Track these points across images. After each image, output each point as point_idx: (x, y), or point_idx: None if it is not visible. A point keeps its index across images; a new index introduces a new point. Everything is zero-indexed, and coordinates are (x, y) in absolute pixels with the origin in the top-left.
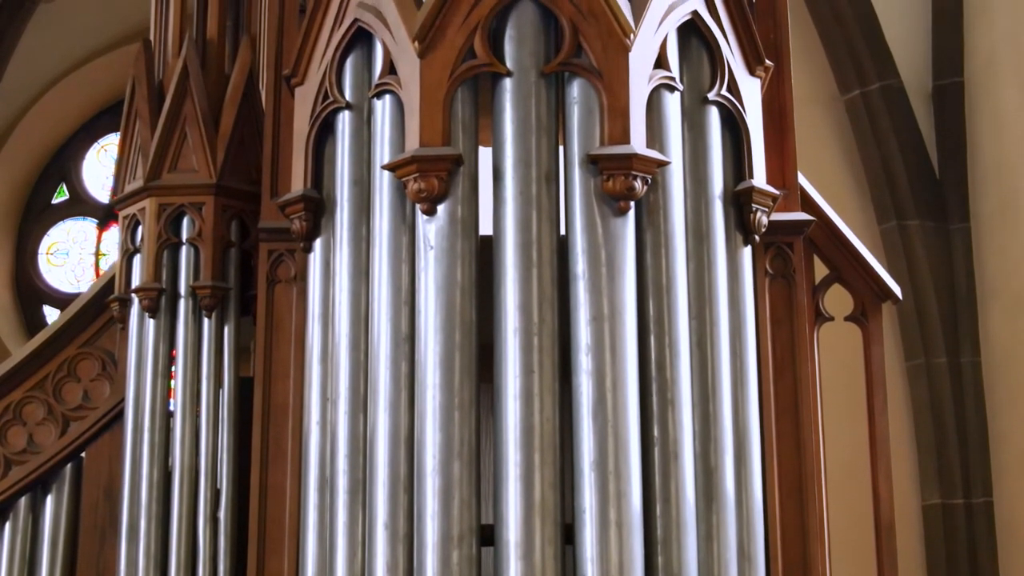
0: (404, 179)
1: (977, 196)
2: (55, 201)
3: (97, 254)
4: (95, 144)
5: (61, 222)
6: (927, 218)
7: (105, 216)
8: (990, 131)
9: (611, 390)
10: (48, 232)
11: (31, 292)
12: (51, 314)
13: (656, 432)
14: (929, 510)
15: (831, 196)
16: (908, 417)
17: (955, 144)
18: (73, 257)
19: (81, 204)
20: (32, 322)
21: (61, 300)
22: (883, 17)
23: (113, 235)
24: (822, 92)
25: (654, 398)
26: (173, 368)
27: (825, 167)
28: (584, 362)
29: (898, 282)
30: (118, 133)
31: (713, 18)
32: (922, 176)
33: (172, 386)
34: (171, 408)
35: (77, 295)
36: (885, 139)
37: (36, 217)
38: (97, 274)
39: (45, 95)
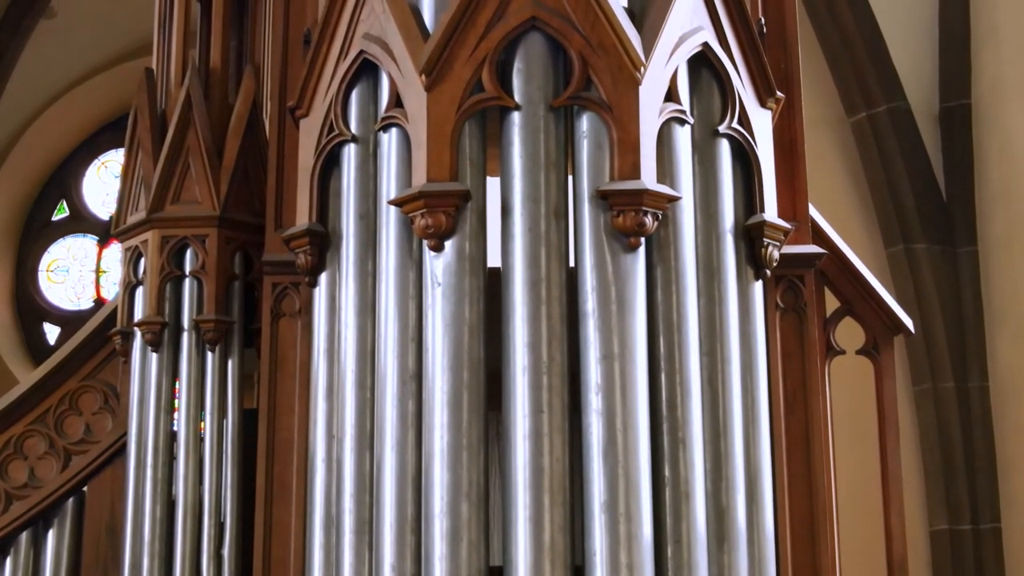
0: (411, 215)
1: (984, 219)
2: (55, 218)
3: (97, 271)
4: (95, 161)
5: (61, 239)
6: (934, 241)
7: (105, 233)
8: (997, 154)
9: (622, 430)
10: (48, 249)
11: (31, 309)
12: (51, 331)
13: (667, 472)
14: (936, 536)
15: (837, 219)
16: (915, 442)
17: (962, 167)
18: (73, 274)
19: (81, 221)
20: (32, 339)
21: (61, 317)
22: (890, 39)
23: (114, 252)
24: (828, 114)
25: (665, 437)
26: (176, 402)
27: (831, 190)
28: (594, 401)
29: (905, 306)
30: (119, 150)
31: (724, 49)
32: (929, 199)
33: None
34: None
35: (77, 312)
36: (892, 162)
37: (36, 234)
38: (98, 291)
39: (45, 112)
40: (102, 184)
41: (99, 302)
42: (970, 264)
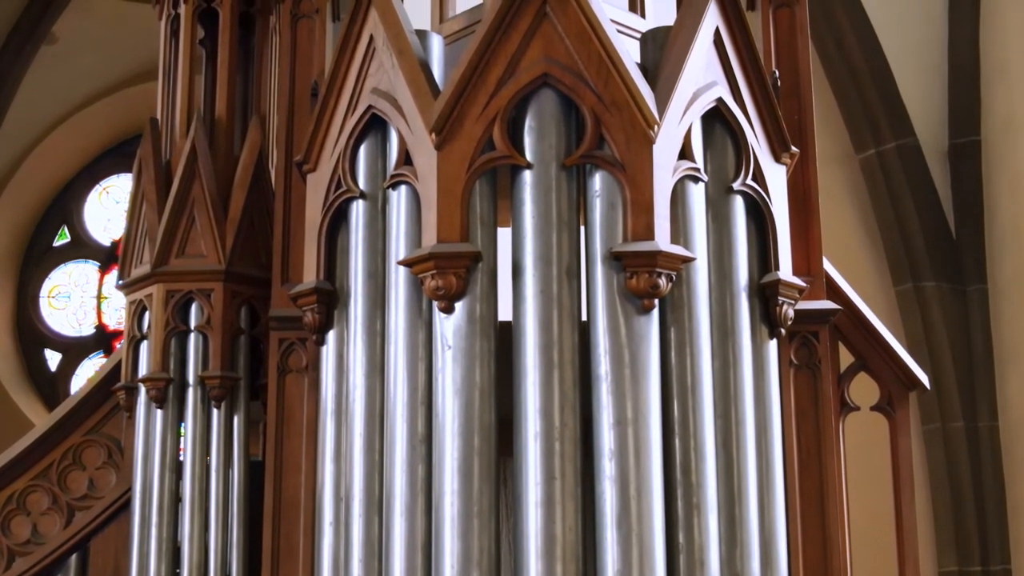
0: (421, 276)
1: (994, 257)
2: (56, 244)
3: (99, 297)
4: (97, 186)
5: (62, 265)
6: (943, 279)
7: (107, 259)
8: (1008, 191)
9: (635, 497)
10: (49, 275)
11: (32, 335)
12: (52, 358)
13: (681, 539)
14: None
15: (846, 257)
16: (924, 482)
17: (972, 204)
18: (75, 300)
19: (83, 247)
20: (33, 366)
21: (62, 344)
22: (899, 75)
23: (115, 278)
24: (837, 151)
25: (679, 503)
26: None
27: (840, 227)
28: (607, 468)
29: (914, 344)
30: (120, 175)
31: (738, 104)
32: (938, 236)
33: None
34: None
35: (79, 338)
36: (901, 199)
37: (37, 260)
38: (99, 317)
39: (47, 137)
40: (103, 209)
41: (100, 328)
42: (980, 302)
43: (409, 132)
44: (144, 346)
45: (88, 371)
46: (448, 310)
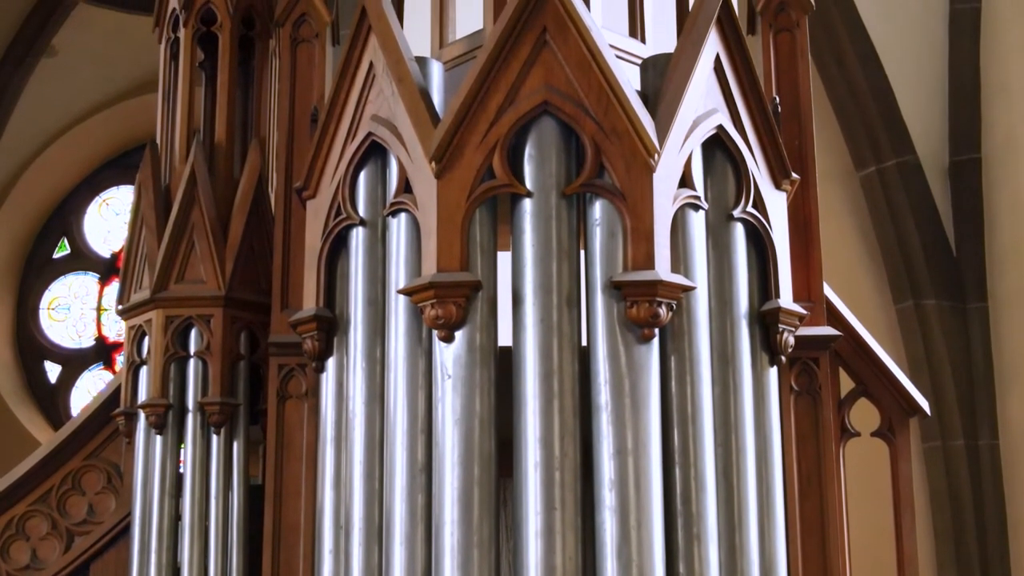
0: (421, 304)
1: (995, 275)
2: (56, 255)
3: (99, 309)
4: (96, 198)
5: (62, 277)
6: (944, 297)
7: (107, 271)
8: (1008, 208)
9: (635, 527)
10: (49, 287)
11: (32, 347)
12: (52, 369)
13: (682, 569)
14: None
15: (846, 276)
16: (925, 500)
17: (972, 222)
18: (74, 312)
19: (82, 259)
20: (33, 378)
21: (62, 355)
22: (899, 92)
23: (115, 290)
24: (837, 168)
25: (679, 533)
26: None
27: (840, 245)
28: (607, 498)
29: (914, 363)
30: (120, 187)
31: (738, 130)
32: (939, 254)
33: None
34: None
35: (79, 350)
36: (901, 216)
37: (37, 272)
38: (99, 329)
39: (47, 149)
40: (103, 221)
41: (100, 340)
42: (980, 320)
43: (409, 160)
44: (144, 371)
45: (88, 383)
46: (448, 339)
